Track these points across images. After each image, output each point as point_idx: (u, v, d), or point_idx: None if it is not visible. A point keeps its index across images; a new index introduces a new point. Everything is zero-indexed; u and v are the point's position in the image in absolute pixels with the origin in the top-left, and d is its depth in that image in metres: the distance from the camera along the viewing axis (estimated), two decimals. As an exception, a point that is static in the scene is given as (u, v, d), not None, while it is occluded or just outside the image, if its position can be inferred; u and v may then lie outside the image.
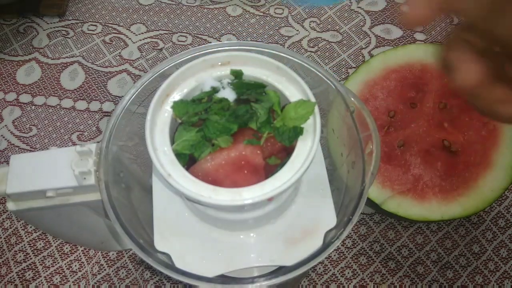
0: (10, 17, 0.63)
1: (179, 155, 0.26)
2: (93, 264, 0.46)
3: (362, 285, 0.45)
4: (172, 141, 0.26)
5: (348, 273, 0.46)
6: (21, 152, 0.53)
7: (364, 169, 0.29)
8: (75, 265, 0.46)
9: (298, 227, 0.30)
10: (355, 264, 0.46)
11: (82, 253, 0.47)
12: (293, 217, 0.30)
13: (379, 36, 0.60)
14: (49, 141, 0.53)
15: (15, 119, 0.55)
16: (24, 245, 0.47)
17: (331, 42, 0.60)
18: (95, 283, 0.45)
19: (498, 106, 0.20)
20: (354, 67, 0.58)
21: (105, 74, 0.58)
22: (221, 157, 0.25)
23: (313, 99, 0.26)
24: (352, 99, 0.31)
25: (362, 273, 0.46)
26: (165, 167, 0.25)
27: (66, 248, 0.47)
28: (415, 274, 0.46)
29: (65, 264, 0.46)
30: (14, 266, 0.46)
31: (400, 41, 0.60)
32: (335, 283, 0.45)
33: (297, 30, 0.61)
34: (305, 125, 0.26)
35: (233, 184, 0.25)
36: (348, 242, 0.47)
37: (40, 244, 0.47)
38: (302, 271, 0.26)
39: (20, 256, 0.47)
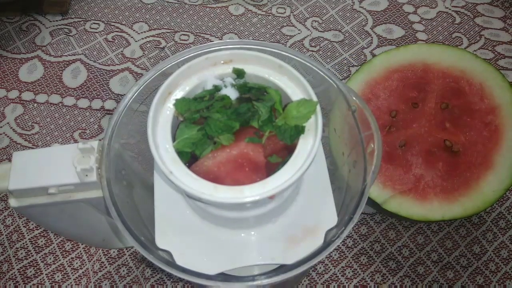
0: (13, 15, 0.63)
1: (180, 153, 0.26)
2: (94, 261, 0.46)
3: (363, 284, 0.45)
4: (174, 139, 0.26)
5: (349, 272, 0.46)
6: (23, 149, 0.53)
7: (365, 169, 0.29)
8: (77, 263, 0.46)
9: (299, 226, 0.30)
10: (356, 264, 0.46)
11: (83, 250, 0.47)
12: (294, 215, 0.30)
13: (381, 36, 0.60)
14: (51, 139, 0.54)
15: (17, 117, 0.55)
16: (26, 242, 0.47)
17: (333, 41, 0.60)
18: (96, 280, 0.46)
19: None
20: (356, 65, 0.58)
21: (107, 72, 0.58)
22: (222, 155, 0.25)
23: (315, 98, 0.26)
24: (354, 98, 0.31)
25: (363, 273, 0.46)
26: (167, 165, 0.25)
27: (68, 245, 0.47)
28: (415, 274, 0.46)
29: (66, 261, 0.46)
30: (16, 263, 0.46)
31: (402, 40, 0.60)
32: (336, 283, 0.45)
33: (299, 30, 0.61)
34: (307, 124, 0.26)
35: (235, 182, 0.25)
36: (349, 242, 0.47)
37: (41, 241, 0.47)
38: (303, 270, 0.26)
39: (21, 253, 0.47)
